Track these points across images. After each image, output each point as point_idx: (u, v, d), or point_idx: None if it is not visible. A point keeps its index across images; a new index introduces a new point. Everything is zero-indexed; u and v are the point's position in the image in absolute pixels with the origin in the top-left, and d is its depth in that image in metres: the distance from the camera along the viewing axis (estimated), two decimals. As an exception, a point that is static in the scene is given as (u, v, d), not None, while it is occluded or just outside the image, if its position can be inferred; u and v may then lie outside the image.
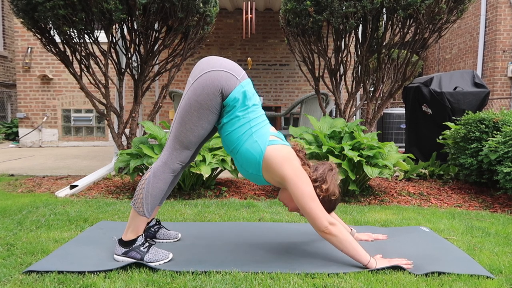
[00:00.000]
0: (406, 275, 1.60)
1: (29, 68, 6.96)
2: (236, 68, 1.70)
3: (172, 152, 1.70)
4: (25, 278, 1.53)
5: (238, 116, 1.66)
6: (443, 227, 2.31)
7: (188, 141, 1.69)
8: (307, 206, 1.62)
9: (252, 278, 1.55)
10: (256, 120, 1.69)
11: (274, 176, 1.67)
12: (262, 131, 1.69)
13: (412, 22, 3.67)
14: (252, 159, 1.66)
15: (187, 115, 1.65)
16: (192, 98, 1.64)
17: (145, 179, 1.71)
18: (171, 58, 3.98)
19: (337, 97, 4.03)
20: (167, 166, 1.70)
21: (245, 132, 1.67)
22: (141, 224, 1.72)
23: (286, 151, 1.67)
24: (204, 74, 1.64)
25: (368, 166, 2.84)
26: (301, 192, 1.62)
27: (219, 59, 1.70)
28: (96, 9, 3.25)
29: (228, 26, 7.21)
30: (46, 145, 7.10)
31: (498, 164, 2.94)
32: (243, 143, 1.67)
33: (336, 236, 1.63)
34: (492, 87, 7.40)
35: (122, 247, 1.72)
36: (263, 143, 1.66)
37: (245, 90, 1.66)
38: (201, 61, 1.72)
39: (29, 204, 2.72)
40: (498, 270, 1.67)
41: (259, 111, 1.73)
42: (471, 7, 7.84)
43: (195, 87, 1.64)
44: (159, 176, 1.70)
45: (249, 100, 1.67)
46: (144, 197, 1.69)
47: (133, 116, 3.85)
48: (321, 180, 1.70)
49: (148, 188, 1.69)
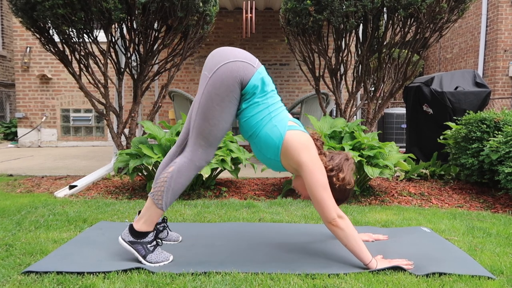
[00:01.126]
0: (407, 276, 1.59)
1: (28, 67, 6.94)
2: (250, 56, 1.71)
3: (197, 149, 1.70)
4: (24, 279, 1.53)
5: (257, 102, 1.67)
6: (444, 228, 2.30)
7: (213, 137, 1.68)
8: (319, 195, 1.62)
9: (252, 278, 1.55)
10: (275, 105, 1.70)
11: (291, 162, 1.68)
12: (281, 115, 1.70)
13: (413, 21, 3.67)
14: (271, 143, 1.67)
15: (210, 110, 1.65)
16: (212, 92, 1.64)
17: (168, 172, 1.70)
18: (170, 58, 3.97)
19: (338, 97, 4.02)
20: (192, 163, 1.70)
21: (265, 117, 1.68)
22: (155, 217, 1.71)
23: (305, 138, 1.68)
24: (221, 66, 1.64)
25: (369, 166, 2.83)
26: (315, 180, 1.63)
27: (232, 49, 1.70)
28: (95, 8, 3.24)
29: (228, 25, 7.20)
30: (45, 145, 7.09)
31: (499, 164, 2.93)
32: (263, 127, 1.68)
33: (342, 229, 1.63)
34: (493, 86, 7.39)
35: (131, 235, 1.71)
36: (283, 128, 1.67)
37: (263, 77, 1.67)
38: (214, 54, 1.71)
39: (28, 204, 2.71)
40: (499, 271, 1.67)
41: (277, 97, 1.74)
42: (472, 7, 7.83)
43: (214, 80, 1.63)
44: (183, 172, 1.69)
45: (267, 86, 1.69)
46: (166, 190, 1.68)
47: (133, 116, 3.84)
48: (337, 169, 1.71)
49: (170, 182, 1.68)
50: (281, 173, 3.97)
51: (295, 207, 2.75)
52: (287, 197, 3.06)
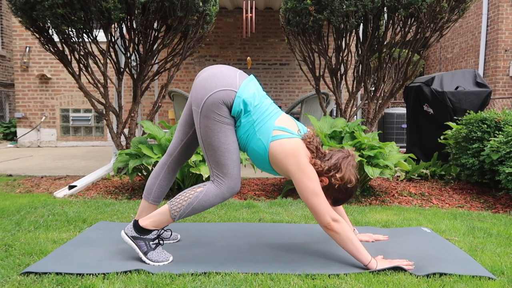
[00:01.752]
0: (407, 276, 1.59)
1: (27, 67, 6.94)
2: (231, 80, 1.68)
3: (222, 179, 1.71)
4: (23, 279, 1.52)
5: (242, 122, 1.70)
6: (445, 228, 2.30)
7: (231, 161, 1.69)
8: (310, 202, 1.64)
9: (252, 279, 1.55)
10: (260, 118, 1.70)
11: (281, 170, 1.71)
12: (265, 126, 1.69)
13: (413, 21, 3.66)
14: (259, 156, 1.71)
15: (215, 140, 1.68)
16: (209, 124, 1.67)
17: (196, 191, 1.71)
18: (170, 58, 3.97)
19: (338, 96, 4.01)
20: (221, 193, 1.71)
21: (250, 133, 1.70)
22: (164, 223, 1.74)
23: (290, 146, 1.67)
24: (207, 100, 1.66)
25: (369, 166, 2.83)
26: (305, 188, 1.64)
27: (213, 76, 1.69)
28: (95, 8, 3.23)
29: (228, 25, 7.19)
30: (44, 145, 7.08)
31: (500, 164, 2.93)
32: (249, 142, 1.71)
33: (338, 233, 1.64)
34: (494, 86, 7.38)
35: (135, 230, 1.72)
36: (266, 140, 1.68)
37: (243, 99, 1.66)
38: (196, 85, 1.72)
39: (28, 204, 2.71)
40: (500, 271, 1.66)
41: (263, 107, 1.72)
42: (473, 6, 7.82)
43: (205, 113, 1.66)
44: (210, 198, 1.71)
45: (250, 106, 1.68)
46: (187, 205, 1.70)
47: (132, 116, 3.84)
48: (334, 168, 1.69)
49: (194, 201, 1.70)
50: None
51: (295, 207, 2.74)
52: (287, 197, 3.06)
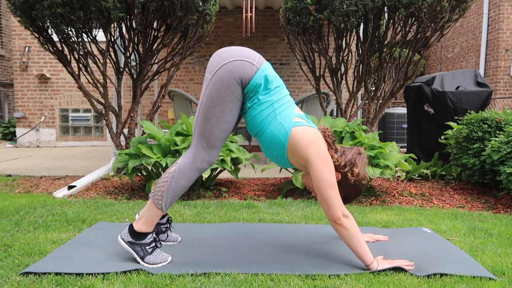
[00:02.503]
0: (407, 277, 1.58)
1: (27, 67, 6.93)
2: (251, 54, 1.68)
3: (199, 150, 1.69)
4: (23, 280, 1.52)
5: (260, 100, 1.65)
6: (445, 228, 2.29)
7: (214, 138, 1.68)
8: (326, 193, 1.60)
9: (252, 279, 1.54)
10: (280, 102, 1.68)
11: (299, 159, 1.66)
12: (287, 112, 1.67)
13: (414, 20, 3.66)
14: (277, 141, 1.66)
15: (211, 111, 1.65)
16: (213, 93, 1.64)
17: (169, 173, 1.70)
18: (170, 57, 3.96)
19: (338, 96, 4.01)
20: (194, 165, 1.69)
21: (269, 115, 1.66)
22: (155, 217, 1.71)
23: (312, 133, 1.66)
24: (220, 67, 1.63)
25: (370, 167, 2.82)
26: (323, 178, 1.60)
27: (232, 49, 1.69)
28: (94, 8, 3.23)
29: (228, 24, 7.18)
30: (43, 145, 7.07)
31: (500, 164, 2.92)
32: (268, 125, 1.66)
33: (347, 229, 1.62)
34: (495, 86, 7.37)
35: (131, 235, 1.71)
36: (288, 125, 1.64)
37: (266, 74, 1.65)
38: (215, 55, 1.71)
39: (27, 204, 2.70)
40: (500, 272, 1.65)
41: (283, 92, 1.71)
42: (474, 6, 7.81)
43: (214, 81, 1.63)
44: (185, 173, 1.69)
45: (271, 84, 1.66)
46: (166, 190, 1.68)
47: (132, 115, 3.83)
48: (350, 164, 1.68)
49: (171, 183, 1.68)
50: (281, 173, 3.95)
51: (295, 208, 2.74)
52: (287, 197, 3.05)
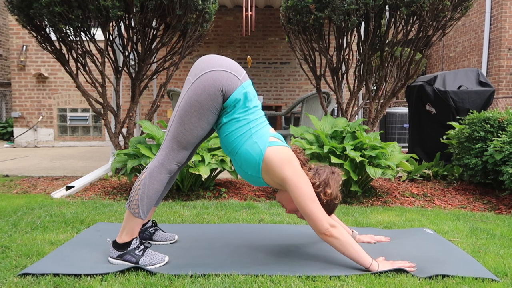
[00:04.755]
0: (409, 278, 1.58)
1: (24, 66, 6.91)
2: (237, 68, 1.67)
3: (169, 152, 1.68)
4: (20, 281, 1.51)
5: (237, 117, 1.64)
6: (447, 229, 2.29)
7: (186, 142, 1.66)
8: (308, 208, 1.60)
9: (252, 281, 1.53)
10: (256, 121, 1.67)
11: (274, 178, 1.65)
12: (262, 131, 1.67)
13: (415, 19, 3.65)
14: (252, 160, 1.64)
15: (187, 116, 1.62)
16: (192, 98, 1.61)
17: (140, 180, 1.69)
18: (169, 56, 3.94)
19: (339, 96, 3.99)
20: (163, 167, 1.68)
21: (245, 133, 1.65)
22: (136, 227, 1.70)
23: (286, 153, 1.65)
24: (205, 73, 1.61)
25: (371, 167, 2.80)
26: (302, 194, 1.60)
27: (220, 58, 1.67)
28: (92, 6, 3.21)
29: (228, 23, 7.16)
30: (41, 145, 7.06)
31: (503, 164, 2.91)
32: (243, 144, 1.65)
33: (337, 238, 1.61)
34: (497, 85, 7.36)
35: (117, 250, 1.69)
36: (263, 144, 1.64)
37: (246, 92, 1.64)
38: (201, 60, 1.68)
39: (24, 205, 2.69)
40: (503, 273, 1.65)
41: (259, 113, 1.72)
42: (476, 4, 7.80)
43: (196, 86, 1.61)
44: (155, 177, 1.67)
45: (250, 102, 1.65)
46: (140, 198, 1.66)
47: (131, 115, 3.81)
48: (324, 184, 1.69)
49: (144, 189, 1.67)
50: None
51: (295, 208, 2.72)
52: (287, 197, 3.03)
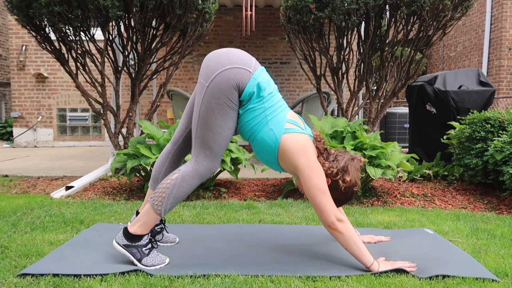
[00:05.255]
0: (409, 278, 1.58)
1: (24, 66, 6.90)
2: (246, 59, 1.66)
3: (202, 159, 1.67)
4: (20, 281, 1.51)
5: (253, 107, 1.65)
6: (448, 229, 2.28)
7: (218, 145, 1.66)
8: (317, 199, 1.62)
9: (252, 281, 1.53)
10: (272, 108, 1.67)
11: (289, 165, 1.68)
12: (278, 117, 1.66)
13: (415, 19, 3.64)
14: (268, 147, 1.67)
15: (212, 119, 1.63)
16: (212, 102, 1.62)
17: (171, 179, 1.68)
18: (169, 56, 3.94)
19: (339, 96, 3.99)
20: (197, 173, 1.68)
21: (261, 121, 1.66)
22: (152, 222, 1.70)
23: (302, 141, 1.65)
24: (218, 75, 1.61)
25: (371, 167, 2.80)
26: (312, 185, 1.61)
27: (228, 53, 1.66)
28: (92, 6, 3.20)
29: (228, 23, 7.16)
30: (41, 145, 7.05)
31: (504, 164, 2.90)
32: (259, 131, 1.66)
33: (341, 233, 1.62)
34: (498, 85, 7.35)
35: (126, 238, 1.69)
36: (279, 131, 1.65)
37: (258, 82, 1.63)
38: (210, 59, 1.67)
39: (24, 205, 2.69)
40: (504, 273, 1.65)
41: (275, 98, 1.70)
42: (476, 4, 7.79)
43: (212, 90, 1.61)
44: (187, 181, 1.67)
45: (263, 91, 1.65)
46: (167, 196, 1.66)
47: (130, 115, 3.81)
48: (342, 171, 1.67)
49: (172, 189, 1.66)
50: (281, 173, 3.93)
51: (296, 208, 2.72)
52: (287, 198, 3.03)
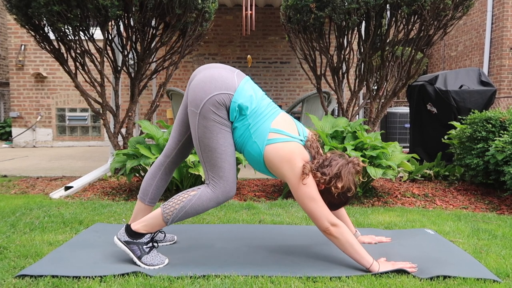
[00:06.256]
0: (410, 279, 1.57)
1: (23, 66, 6.88)
2: (229, 81, 1.65)
3: (218, 181, 1.67)
4: (18, 282, 1.51)
5: (238, 125, 1.68)
6: (449, 230, 2.28)
7: (227, 163, 1.67)
8: (307, 208, 1.64)
9: (252, 282, 1.53)
10: (255, 120, 1.67)
11: (277, 174, 1.70)
12: (261, 129, 1.66)
13: (416, 18, 3.63)
14: (255, 159, 1.70)
15: (213, 141, 1.65)
16: (208, 126, 1.64)
17: (188, 194, 1.68)
18: (168, 56, 3.93)
19: (340, 95, 3.98)
20: (215, 197, 1.68)
21: (246, 136, 1.68)
22: (157, 227, 1.71)
23: (286, 150, 1.64)
24: (206, 102, 1.62)
25: (371, 167, 2.80)
26: (301, 193, 1.63)
27: (212, 80, 1.64)
28: (91, 5, 3.19)
29: (227, 22, 7.15)
30: (40, 145, 7.04)
31: (505, 164, 2.89)
32: (245, 145, 1.70)
33: (336, 238, 1.63)
34: (499, 85, 7.34)
35: (127, 235, 1.70)
36: (261, 143, 1.66)
37: (239, 104, 1.63)
38: (196, 87, 1.65)
39: (23, 206, 2.68)
40: (505, 274, 1.64)
41: (260, 109, 1.68)
42: (477, 3, 7.78)
43: (205, 115, 1.63)
44: (203, 202, 1.67)
45: (245, 110, 1.65)
46: (179, 209, 1.67)
47: (130, 115, 3.80)
48: (335, 177, 1.64)
49: (187, 204, 1.67)
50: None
51: (296, 209, 2.72)
52: (287, 198, 3.03)
